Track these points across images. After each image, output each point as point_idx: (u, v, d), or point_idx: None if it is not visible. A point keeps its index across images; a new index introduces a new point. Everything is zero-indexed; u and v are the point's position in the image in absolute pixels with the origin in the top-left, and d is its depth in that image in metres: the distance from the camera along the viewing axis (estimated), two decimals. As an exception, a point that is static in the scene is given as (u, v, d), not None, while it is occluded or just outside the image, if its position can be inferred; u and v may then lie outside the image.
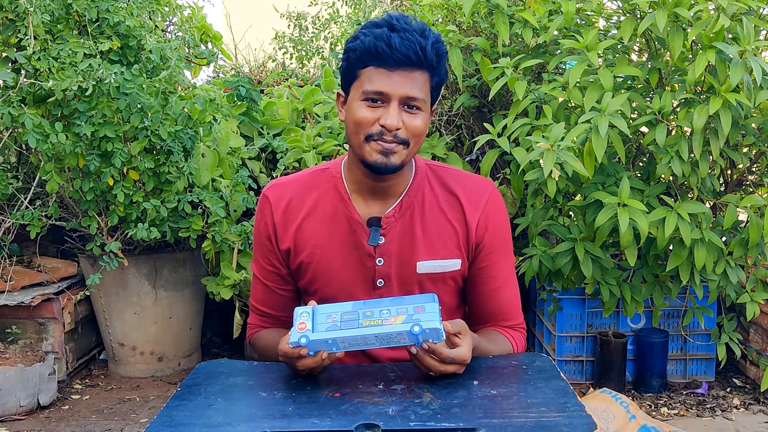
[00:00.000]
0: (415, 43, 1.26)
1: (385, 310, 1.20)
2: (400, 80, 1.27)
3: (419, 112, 1.30)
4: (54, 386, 2.96)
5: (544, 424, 1.03)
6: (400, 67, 1.27)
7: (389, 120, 1.27)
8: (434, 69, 1.31)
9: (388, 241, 1.39)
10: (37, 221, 2.92)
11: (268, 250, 1.46)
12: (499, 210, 1.45)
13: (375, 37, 1.27)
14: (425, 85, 1.30)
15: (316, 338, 1.17)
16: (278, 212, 1.43)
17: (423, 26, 1.30)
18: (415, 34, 1.27)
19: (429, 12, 3.07)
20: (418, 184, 1.42)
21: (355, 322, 1.19)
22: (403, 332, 1.16)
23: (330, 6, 5.83)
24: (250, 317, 1.56)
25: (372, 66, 1.28)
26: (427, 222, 1.40)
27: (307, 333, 1.18)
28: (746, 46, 2.18)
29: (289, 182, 1.46)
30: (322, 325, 1.20)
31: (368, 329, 1.17)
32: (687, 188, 2.56)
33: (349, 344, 1.18)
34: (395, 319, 1.18)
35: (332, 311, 1.22)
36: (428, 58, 1.28)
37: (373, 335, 1.16)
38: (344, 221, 1.40)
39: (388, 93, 1.27)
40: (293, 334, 1.19)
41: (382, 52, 1.26)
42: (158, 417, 1.09)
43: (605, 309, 2.72)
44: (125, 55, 2.89)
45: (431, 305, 1.20)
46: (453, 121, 3.22)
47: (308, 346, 1.17)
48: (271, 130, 3.48)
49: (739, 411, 2.83)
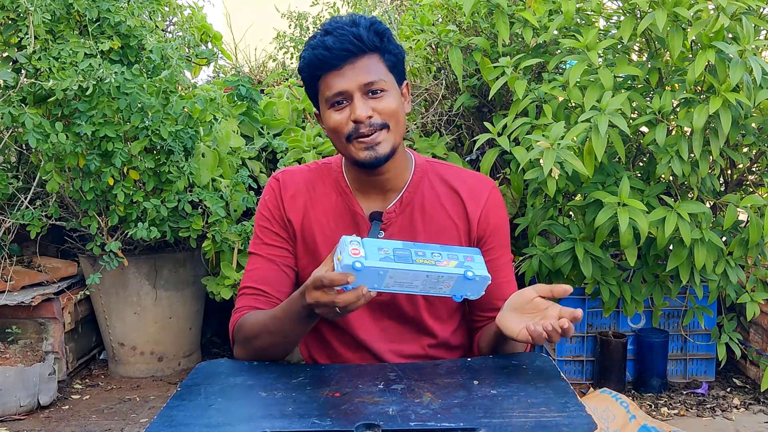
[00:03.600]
0: (348, 33, 1.30)
1: (436, 253, 1.19)
2: (351, 73, 1.31)
3: (384, 92, 1.33)
4: (54, 386, 2.96)
5: (544, 424, 1.03)
6: (345, 62, 1.31)
7: (358, 112, 1.30)
8: (380, 48, 1.34)
9: (389, 235, 1.41)
10: (37, 221, 2.92)
11: (277, 224, 1.45)
12: (499, 206, 1.47)
13: (313, 47, 1.33)
14: (379, 66, 1.33)
15: (371, 264, 1.11)
16: (287, 195, 1.45)
17: (353, 17, 1.35)
18: (346, 27, 1.32)
19: (429, 12, 3.06)
20: (418, 179, 1.44)
21: (408, 258, 1.15)
22: (455, 275, 1.16)
23: (331, 6, 5.82)
24: (238, 302, 1.45)
25: (323, 74, 1.33)
26: (427, 217, 1.42)
27: (360, 258, 1.10)
28: (746, 46, 2.18)
29: (298, 171, 1.49)
30: (374, 255, 1.12)
31: (422, 266, 1.15)
32: (687, 188, 2.56)
33: (396, 281, 1.14)
34: (447, 263, 1.18)
35: (383, 245, 1.16)
36: (368, 41, 1.32)
37: (425, 274, 1.15)
38: (347, 215, 1.43)
39: (346, 89, 1.31)
40: (345, 256, 1.10)
41: (323, 57, 1.31)
42: (158, 417, 1.09)
43: (605, 309, 2.72)
44: (126, 55, 2.89)
45: (478, 257, 1.22)
46: (453, 121, 3.22)
47: (360, 273, 1.10)
48: (271, 129, 3.48)
49: (739, 411, 2.83)
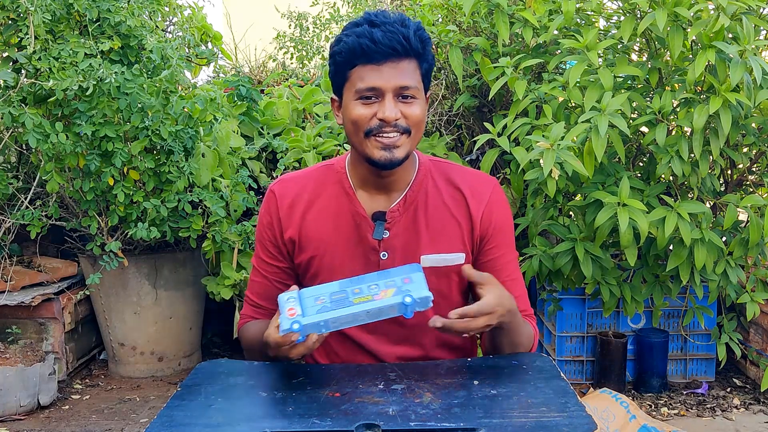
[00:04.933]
0: (398, 33, 1.27)
1: (373, 285, 1.18)
2: (390, 72, 1.28)
3: (414, 100, 1.31)
4: (54, 386, 2.96)
5: (544, 424, 1.03)
6: (388, 59, 1.28)
7: (387, 112, 1.28)
8: (421, 56, 1.32)
9: (393, 235, 1.40)
10: (37, 221, 2.92)
11: (272, 243, 1.47)
12: (502, 204, 1.46)
13: (357, 35, 1.28)
14: (415, 73, 1.32)
15: (309, 322, 1.13)
16: (284, 206, 1.45)
17: (402, 17, 1.32)
18: (396, 25, 1.29)
19: (429, 12, 3.06)
20: (421, 178, 1.43)
21: (345, 300, 1.16)
22: (395, 305, 1.14)
23: (331, 6, 5.82)
24: (243, 308, 1.56)
25: (360, 64, 1.29)
26: (430, 216, 1.42)
27: (298, 318, 1.13)
28: (746, 46, 2.18)
29: (295, 177, 1.49)
30: (312, 308, 1.16)
31: (360, 306, 1.14)
32: (687, 188, 2.56)
33: (341, 324, 1.15)
34: (385, 293, 1.16)
35: (319, 293, 1.18)
36: (413, 46, 1.29)
37: (365, 312, 1.14)
38: (349, 216, 1.42)
39: (381, 87, 1.29)
40: (284, 321, 1.14)
41: (367, 49, 1.27)
42: (158, 417, 1.09)
43: (605, 309, 2.72)
44: (126, 55, 2.89)
45: (417, 275, 1.18)
46: (453, 121, 3.22)
47: (299, 332, 1.13)
48: (271, 130, 3.48)
49: (739, 411, 2.83)
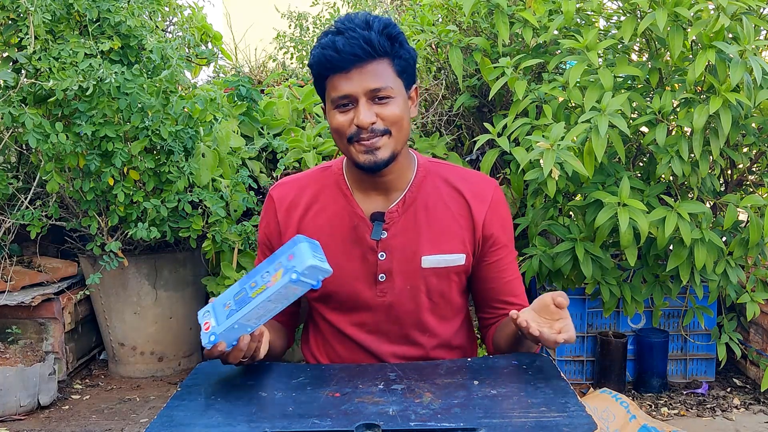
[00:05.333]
0: (359, 38, 1.28)
1: (265, 273, 1.18)
2: (359, 77, 1.29)
3: (390, 99, 1.31)
4: (54, 386, 2.96)
5: (544, 424, 1.03)
6: (354, 65, 1.29)
7: (360, 118, 1.29)
8: (390, 53, 1.32)
9: (391, 235, 1.40)
10: (37, 221, 2.92)
11: (270, 248, 1.47)
12: (503, 205, 1.47)
13: (323, 47, 1.30)
14: (387, 72, 1.31)
15: (222, 330, 1.17)
16: (282, 209, 1.46)
17: (367, 18, 1.31)
18: (358, 29, 1.29)
19: (429, 12, 3.06)
20: (420, 179, 1.43)
21: (246, 298, 1.18)
22: (287, 284, 1.14)
23: (331, 6, 5.82)
24: None
25: (330, 75, 1.31)
26: (431, 217, 1.41)
27: (213, 330, 1.18)
28: (746, 46, 2.18)
29: (293, 181, 1.50)
30: (222, 315, 1.20)
31: (259, 298, 1.16)
32: (687, 188, 2.56)
33: (255, 319, 1.18)
34: (275, 276, 1.16)
35: (226, 298, 1.21)
36: (378, 47, 1.29)
37: (266, 300, 1.15)
38: (347, 217, 1.42)
39: (352, 93, 1.30)
40: (203, 336, 1.19)
41: (332, 59, 1.29)
42: (158, 417, 1.09)
43: (605, 309, 2.72)
44: (126, 55, 2.89)
45: (299, 247, 1.16)
46: (453, 121, 3.22)
47: (223, 341, 1.18)
48: (271, 130, 3.48)
49: (740, 411, 2.83)
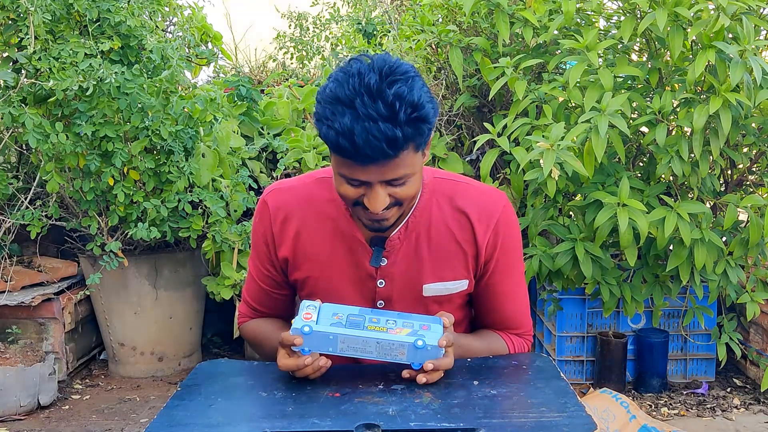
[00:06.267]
0: (381, 138, 1.07)
1: (391, 321, 1.20)
2: (376, 171, 1.14)
3: (408, 180, 1.18)
4: (54, 386, 2.96)
5: (544, 424, 1.03)
6: (371, 163, 1.12)
7: (373, 204, 1.17)
8: (415, 138, 1.13)
9: (392, 263, 1.33)
10: (37, 221, 2.92)
11: (265, 256, 1.41)
12: (510, 226, 1.37)
13: (336, 132, 1.09)
14: (408, 157, 1.14)
15: (319, 330, 1.16)
16: (277, 221, 1.36)
17: (394, 98, 1.08)
18: (380, 121, 1.07)
19: (429, 12, 3.06)
20: (425, 203, 1.33)
21: (360, 324, 1.18)
22: (405, 344, 1.16)
23: (331, 6, 5.82)
24: (240, 306, 1.53)
25: (344, 157, 1.13)
26: (433, 243, 1.33)
27: (311, 323, 1.17)
28: (746, 46, 2.18)
29: (290, 188, 1.38)
30: (327, 320, 1.18)
31: (372, 333, 1.16)
32: (687, 188, 2.56)
33: (348, 346, 1.17)
34: (400, 330, 1.17)
35: (339, 311, 1.21)
36: (403, 142, 1.10)
37: (375, 340, 1.16)
38: (345, 239, 1.34)
39: (366, 180, 1.16)
40: (297, 321, 1.17)
41: (347, 153, 1.11)
42: (158, 417, 1.09)
43: (605, 309, 2.72)
44: (126, 55, 2.89)
45: (436, 326, 1.20)
46: (453, 121, 3.22)
47: (309, 336, 1.16)
48: (271, 130, 3.48)
49: (740, 411, 2.83)
